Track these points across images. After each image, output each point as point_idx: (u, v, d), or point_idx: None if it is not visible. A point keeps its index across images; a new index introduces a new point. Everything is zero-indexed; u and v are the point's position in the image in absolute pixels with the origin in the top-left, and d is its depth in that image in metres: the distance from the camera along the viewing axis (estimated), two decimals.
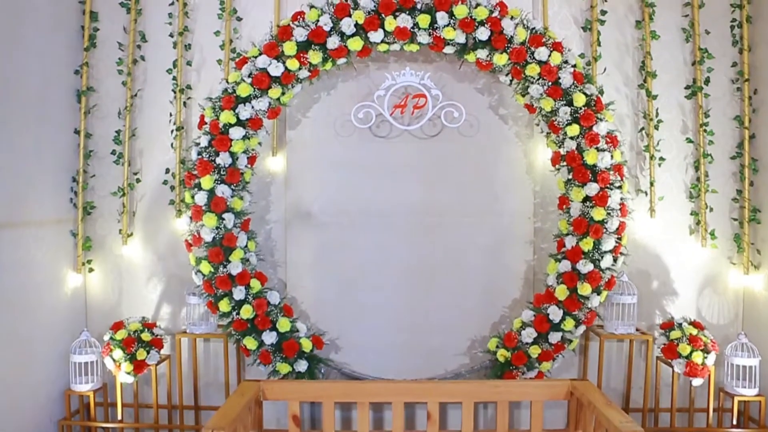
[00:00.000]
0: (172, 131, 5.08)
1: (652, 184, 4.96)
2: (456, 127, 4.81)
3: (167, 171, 5.09)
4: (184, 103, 5.09)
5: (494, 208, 4.87)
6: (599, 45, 4.98)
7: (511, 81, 4.60)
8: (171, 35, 5.10)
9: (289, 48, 4.43)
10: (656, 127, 4.97)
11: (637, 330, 4.86)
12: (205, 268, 4.54)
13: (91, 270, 5.16)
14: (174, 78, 5.06)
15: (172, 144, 5.08)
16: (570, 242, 4.52)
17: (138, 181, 5.14)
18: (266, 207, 5.05)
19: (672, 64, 5.03)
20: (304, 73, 4.55)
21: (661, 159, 4.97)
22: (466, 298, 4.86)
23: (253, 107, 4.51)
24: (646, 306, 5.01)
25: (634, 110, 5.06)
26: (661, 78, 4.99)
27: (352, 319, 4.89)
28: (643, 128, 5.03)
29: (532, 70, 4.43)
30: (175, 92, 5.07)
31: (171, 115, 5.08)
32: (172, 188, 5.06)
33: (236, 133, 4.49)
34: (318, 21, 4.43)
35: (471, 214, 4.85)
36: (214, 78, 4.99)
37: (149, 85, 5.09)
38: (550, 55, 4.43)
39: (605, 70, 4.91)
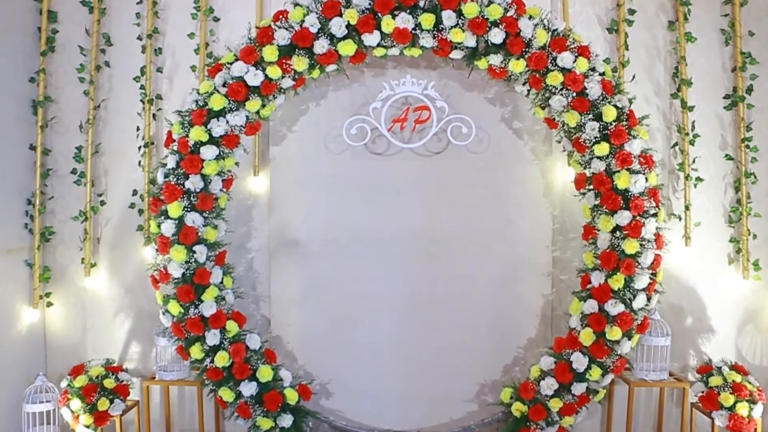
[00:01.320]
0: (140, 147, 4.33)
1: (687, 207, 4.21)
2: (464, 144, 4.04)
3: (135, 193, 4.34)
4: (154, 115, 4.37)
5: (507, 234, 4.22)
6: (627, 49, 4.21)
7: (528, 91, 3.84)
8: (139, 38, 4.39)
9: (270, 53, 3.67)
10: (692, 143, 4.22)
11: (670, 375, 4.09)
12: (174, 308, 3.79)
13: (49, 304, 4.42)
14: (142, 87, 4.35)
15: (140, 162, 4.32)
16: (597, 279, 3.77)
17: (102, 203, 4.41)
18: (247, 234, 4.33)
19: (709, 71, 4.29)
20: (287, 82, 3.79)
21: (698, 179, 4.22)
22: (475, 337, 4.23)
23: (228, 122, 3.75)
24: (679, 345, 4.26)
25: (666, 123, 4.32)
26: (697, 86, 4.24)
27: (345, 361, 4.27)
28: (676, 144, 4.27)
29: (554, 78, 3.67)
30: (143, 103, 4.33)
31: (139, 129, 4.32)
32: (141, 212, 4.33)
33: (208, 152, 3.73)
34: (303, 21, 3.68)
35: (480, 241, 4.21)
36: (188, 87, 4.25)
37: (115, 95, 4.43)
38: (575, 62, 3.67)
39: (634, 77, 4.13)
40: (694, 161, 4.23)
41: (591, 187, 3.78)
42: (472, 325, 4.22)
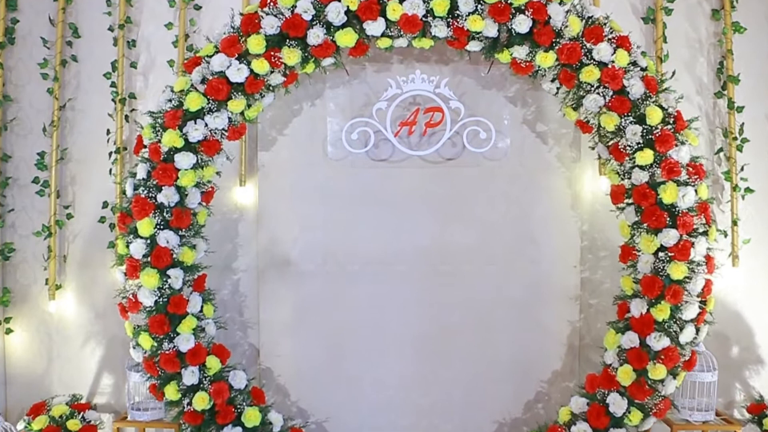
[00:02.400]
0: (111, 153, 3.72)
1: (734, 222, 3.62)
2: (483, 151, 3.43)
3: (105, 205, 3.72)
4: (127, 116, 3.78)
5: (529, 252, 3.69)
6: (665, 41, 3.61)
7: (558, 89, 3.22)
8: (110, 29, 3.78)
9: (256, 44, 3.07)
10: (739, 149, 3.63)
11: (717, 415, 3.48)
12: (146, 341, 3.19)
13: (9, 331, 3.82)
14: (114, 84, 3.75)
15: (111, 170, 3.72)
16: (637, 308, 3.17)
17: (69, 217, 3.81)
18: (233, 252, 3.76)
19: (760, 66, 3.70)
20: (276, 78, 3.19)
21: (747, 190, 3.64)
22: (492, 368, 3.70)
23: (206, 125, 3.15)
24: (724, 377, 3.65)
25: (710, 126, 3.72)
26: (746, 84, 3.65)
27: (344, 397, 3.72)
28: (721, 150, 3.68)
29: (590, 74, 3.07)
30: (115, 102, 3.75)
31: (110, 132, 3.72)
32: (113, 227, 3.72)
33: (184, 160, 3.13)
34: (295, 7, 3.08)
35: (499, 260, 3.68)
36: (165, 84, 3.59)
37: (83, 93, 3.82)
38: (614, 54, 3.06)
39: (674, 73, 3.51)
40: (742, 169, 3.63)
41: (630, 201, 3.18)
42: (488, 356, 3.68)
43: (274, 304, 3.70)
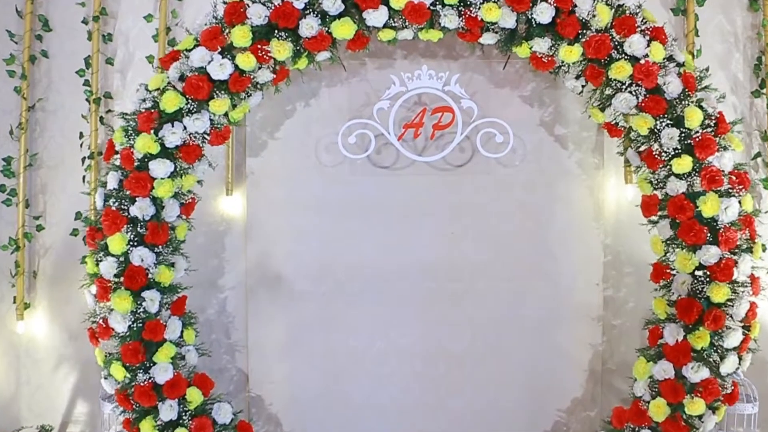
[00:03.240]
0: (84, 159, 3.33)
1: None
2: (498, 157, 3.03)
3: (78, 216, 3.33)
4: (102, 118, 3.37)
5: (546, 268, 3.33)
6: (697, 35, 3.19)
7: (583, 87, 2.81)
8: (84, 21, 3.38)
9: (241, 36, 2.66)
10: None
11: None
12: (118, 372, 2.78)
13: None
14: (88, 83, 3.35)
15: (85, 177, 3.32)
16: (672, 334, 2.76)
17: (40, 228, 3.42)
18: (218, 268, 3.39)
19: None
20: (265, 75, 2.78)
21: None
22: (506, 396, 3.35)
23: (185, 128, 2.74)
24: (765, 408, 3.22)
25: (746, 128, 3.31)
26: None
27: (342, 427, 3.36)
28: (759, 154, 3.27)
29: (620, 70, 2.66)
30: (89, 102, 3.35)
31: (83, 135, 3.34)
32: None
33: (160, 168, 2.72)
34: None
35: (513, 277, 3.32)
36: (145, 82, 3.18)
37: (54, 93, 3.45)
38: (648, 48, 2.65)
39: (707, 70, 3.08)
40: None
41: (665, 213, 2.77)
42: (501, 382, 3.34)
43: (265, 325, 3.33)
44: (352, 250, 3.28)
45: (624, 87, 2.68)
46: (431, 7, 2.64)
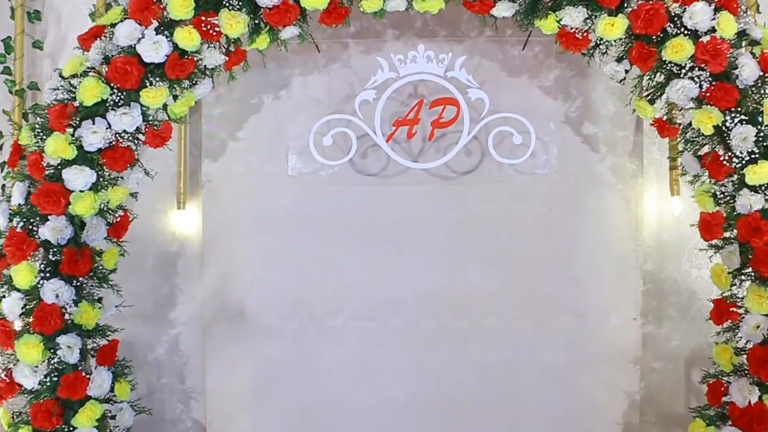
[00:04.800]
0: (3, 164, 2.67)
1: None
2: (515, 163, 2.38)
3: None
4: (26, 114, 2.78)
5: (572, 300, 2.72)
6: (758, 10, 2.58)
7: (626, 73, 2.15)
8: None
9: (180, 5, 2.00)
10: None
11: None
12: None
13: None
14: (9, 70, 2.78)
15: (4, 186, 2.70)
16: (742, 392, 2.12)
17: None
18: (169, 298, 2.78)
19: None
20: (214, 57, 2.15)
21: None
22: None
23: (110, 126, 2.06)
24: None
25: None
26: None
27: None
28: None
29: (678, 50, 2.02)
30: (12, 95, 2.76)
31: (2, 135, 2.81)
32: None
33: (78, 177, 2.08)
34: None
35: (530, 312, 2.72)
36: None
37: None
38: (714, 20, 1.98)
39: None
40: None
41: (733, 236, 2.11)
42: None
43: (226, 368, 2.73)
44: (332, 279, 2.71)
45: (683, 72, 2.02)
46: None
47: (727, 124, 2.03)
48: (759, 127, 2.01)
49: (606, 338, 2.69)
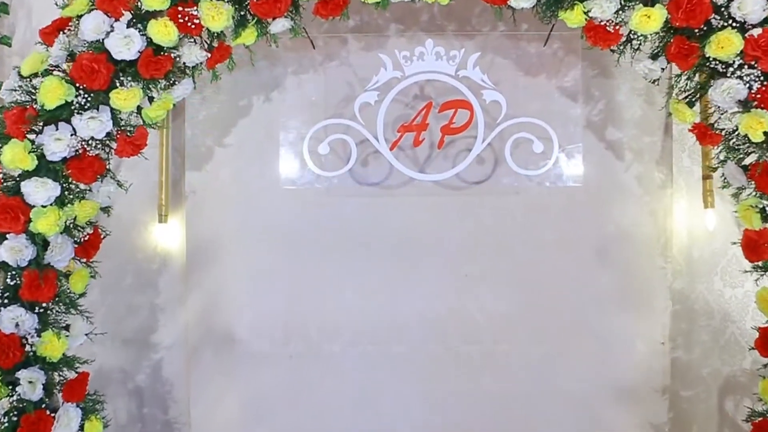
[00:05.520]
0: None
1: None
2: (535, 174, 2.12)
3: None
4: None
5: (593, 324, 2.49)
6: None
7: (662, 71, 1.89)
8: None
9: None
10: None
11: None
12: None
13: None
14: None
15: None
16: None
17: None
18: (150, 320, 2.55)
19: None
20: (194, 54, 1.89)
21: None
22: None
23: (75, 132, 1.80)
24: None
25: None
26: None
27: None
28: None
29: (724, 45, 1.76)
30: None
31: None
32: None
33: (39, 190, 1.83)
34: None
35: (548, 336, 2.50)
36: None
37: None
38: (767, 11, 1.71)
39: None
40: None
41: None
42: None
43: (213, 397, 2.53)
44: (328, 299, 2.49)
45: (729, 70, 1.75)
46: None
47: None
48: None
49: (631, 365, 2.47)
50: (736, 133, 1.87)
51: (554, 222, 2.44)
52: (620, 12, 1.81)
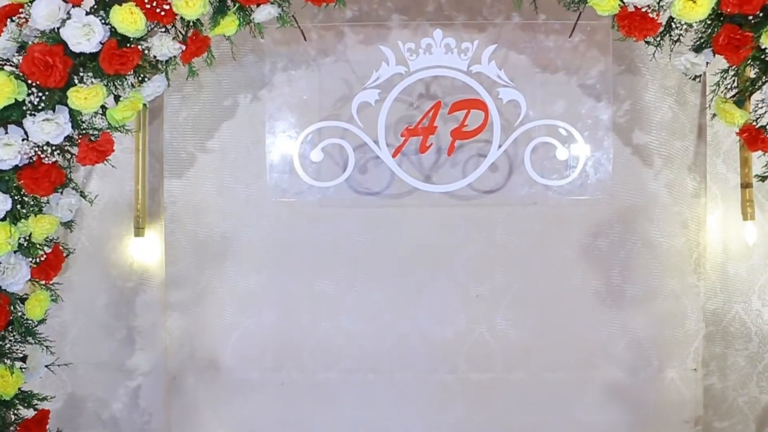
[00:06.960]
0: None
1: None
2: (560, 184, 1.86)
3: None
4: None
5: (617, 349, 2.25)
6: None
7: (707, 65, 1.64)
8: None
9: None
10: None
11: None
12: None
13: None
14: None
15: None
16: None
17: None
18: (127, 344, 2.30)
19: None
20: (166, 46, 1.61)
21: None
22: None
23: (26, 136, 1.53)
24: None
25: None
26: None
27: None
28: None
29: None
30: None
31: None
32: None
33: None
34: None
35: (567, 363, 2.26)
36: None
37: None
38: None
39: None
40: None
41: None
42: None
43: (196, 428, 2.28)
44: (324, 322, 2.24)
45: None
46: None
47: None
48: None
49: (660, 394, 2.25)
50: None
51: (575, 236, 2.18)
52: None
